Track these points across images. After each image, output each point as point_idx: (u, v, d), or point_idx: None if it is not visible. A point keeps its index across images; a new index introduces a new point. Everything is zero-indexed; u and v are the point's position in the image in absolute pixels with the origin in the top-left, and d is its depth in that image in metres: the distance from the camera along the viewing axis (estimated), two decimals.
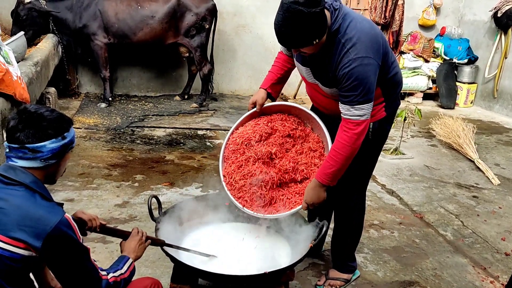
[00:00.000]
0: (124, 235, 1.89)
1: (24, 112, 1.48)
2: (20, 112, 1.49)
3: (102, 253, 2.81)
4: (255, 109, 2.44)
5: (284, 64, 2.47)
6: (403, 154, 4.93)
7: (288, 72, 2.50)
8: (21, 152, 1.46)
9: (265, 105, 2.43)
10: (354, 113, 2.06)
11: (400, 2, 6.61)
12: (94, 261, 1.56)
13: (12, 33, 5.33)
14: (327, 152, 2.33)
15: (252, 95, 2.54)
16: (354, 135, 2.08)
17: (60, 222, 1.41)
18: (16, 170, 1.46)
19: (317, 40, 1.95)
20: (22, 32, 4.39)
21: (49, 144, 1.48)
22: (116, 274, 1.63)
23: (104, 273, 1.59)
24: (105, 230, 1.85)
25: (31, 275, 1.60)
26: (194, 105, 6.33)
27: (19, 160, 1.47)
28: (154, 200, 2.28)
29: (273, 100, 2.51)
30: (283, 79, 2.51)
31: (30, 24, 5.46)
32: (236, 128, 2.48)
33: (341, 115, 2.11)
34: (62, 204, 1.56)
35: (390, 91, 2.28)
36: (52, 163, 1.52)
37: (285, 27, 1.89)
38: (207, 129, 5.45)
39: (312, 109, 2.56)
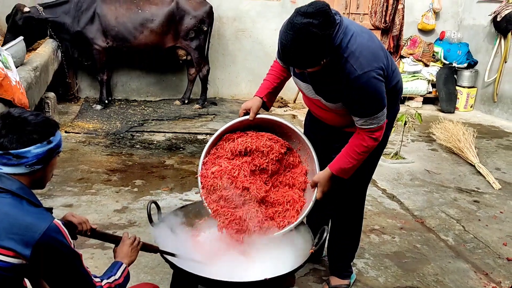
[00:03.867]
0: (115, 240, 1.86)
1: (7, 117, 1.43)
2: (4, 116, 1.44)
3: (101, 259, 2.79)
4: (247, 117, 2.36)
5: (281, 74, 2.42)
6: (404, 158, 4.92)
7: (283, 82, 2.46)
8: (5, 159, 1.42)
9: (257, 116, 2.36)
10: (371, 123, 2.07)
11: (400, 7, 6.61)
12: (87, 267, 1.52)
13: (6, 39, 5.22)
14: (311, 177, 2.34)
15: None
16: (377, 139, 2.15)
17: (49, 229, 1.37)
18: (2, 177, 1.42)
19: (324, 60, 1.91)
20: (21, 37, 4.37)
21: (34, 149, 1.43)
22: (110, 280, 1.60)
23: (97, 279, 1.55)
24: (96, 234, 1.82)
25: (27, 282, 1.57)
26: (197, 105, 6.48)
27: (3, 166, 1.43)
28: (153, 205, 2.28)
29: (267, 109, 2.45)
30: (279, 88, 2.46)
31: (27, 32, 5.29)
32: (221, 135, 2.39)
33: (357, 126, 2.12)
34: (51, 209, 1.52)
35: (392, 98, 2.27)
36: (38, 168, 1.47)
37: (295, 48, 1.81)
38: (207, 134, 5.43)
39: (309, 115, 2.55)
